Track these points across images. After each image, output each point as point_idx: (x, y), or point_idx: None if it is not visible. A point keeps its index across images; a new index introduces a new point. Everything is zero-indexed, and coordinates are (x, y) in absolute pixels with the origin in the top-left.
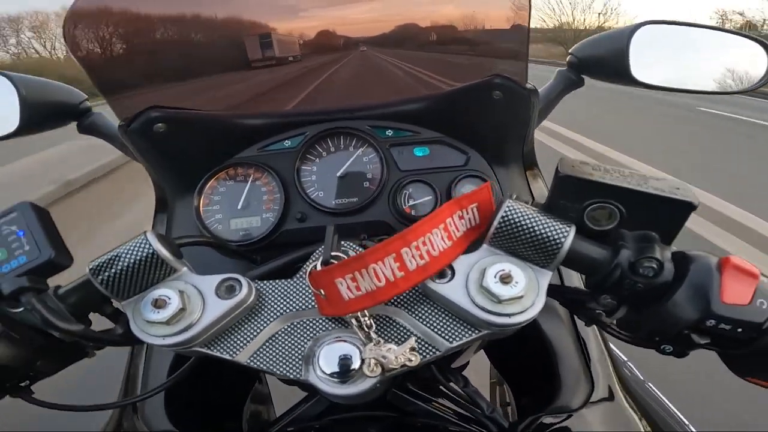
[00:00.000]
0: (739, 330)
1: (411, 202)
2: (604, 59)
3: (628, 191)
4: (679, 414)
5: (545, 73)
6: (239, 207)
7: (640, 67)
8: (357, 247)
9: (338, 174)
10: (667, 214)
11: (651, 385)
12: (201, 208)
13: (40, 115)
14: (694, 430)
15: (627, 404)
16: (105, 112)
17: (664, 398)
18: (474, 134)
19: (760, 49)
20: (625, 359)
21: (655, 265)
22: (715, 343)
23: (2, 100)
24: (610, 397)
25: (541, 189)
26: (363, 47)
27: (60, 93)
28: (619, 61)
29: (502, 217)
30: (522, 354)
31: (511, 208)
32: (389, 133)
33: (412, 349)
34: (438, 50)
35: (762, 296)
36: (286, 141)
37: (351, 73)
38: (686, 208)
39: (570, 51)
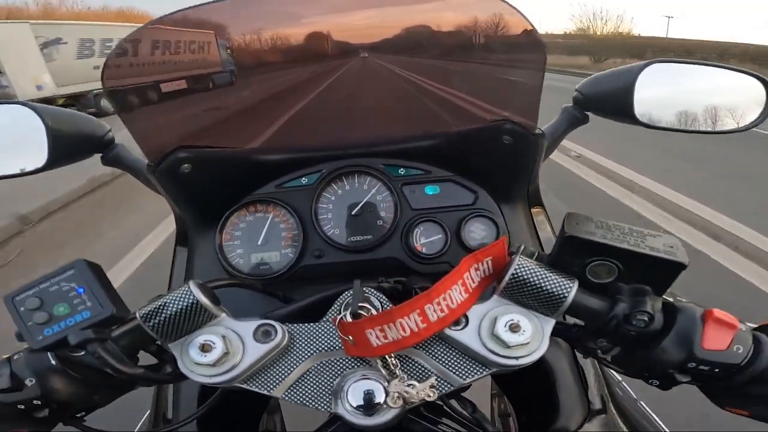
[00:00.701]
0: (716, 370)
1: (422, 240)
2: (609, 97)
3: (625, 251)
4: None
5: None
6: (259, 243)
7: (644, 106)
8: (380, 295)
9: (353, 212)
10: (660, 271)
11: (642, 404)
12: (223, 244)
13: (67, 149)
14: None
15: (619, 422)
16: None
17: (654, 416)
18: (482, 173)
19: (759, 85)
20: (619, 379)
21: (646, 318)
22: (695, 380)
23: (30, 133)
24: (604, 414)
25: (545, 226)
26: (364, 53)
27: (85, 124)
28: (623, 100)
29: (513, 273)
30: (523, 373)
31: (520, 265)
32: (402, 171)
33: (432, 386)
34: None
35: (738, 342)
36: (303, 178)
37: (356, 81)
38: (677, 267)
39: (576, 88)
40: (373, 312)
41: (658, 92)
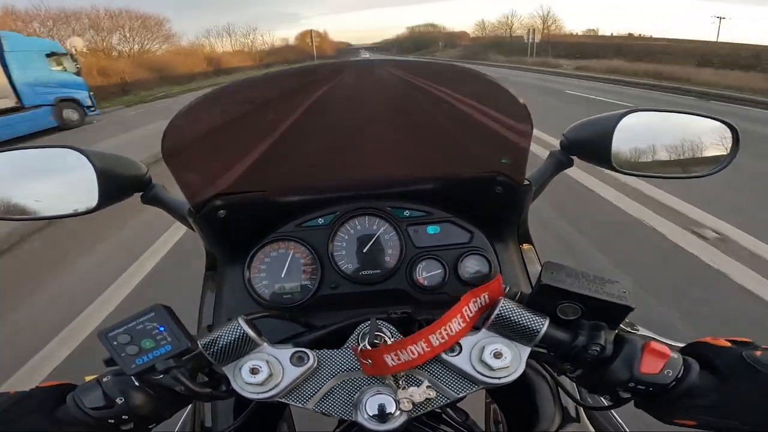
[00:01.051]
0: (651, 389)
1: (424, 274)
2: (590, 144)
3: (586, 297)
4: None
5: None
6: (282, 275)
7: (623, 152)
8: (389, 326)
9: (364, 250)
10: (613, 311)
11: (613, 413)
12: (251, 276)
13: (113, 189)
14: None
15: (590, 427)
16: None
17: (620, 421)
18: (477, 216)
19: (726, 130)
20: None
21: (599, 348)
22: (636, 396)
23: (79, 176)
24: (578, 422)
25: (533, 261)
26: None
27: (126, 166)
28: (603, 146)
29: (497, 313)
30: (511, 385)
31: (504, 306)
32: (406, 213)
33: (428, 386)
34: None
35: (669, 368)
36: (320, 219)
37: (366, 137)
38: (626, 309)
39: (563, 133)
40: (387, 340)
41: (636, 139)
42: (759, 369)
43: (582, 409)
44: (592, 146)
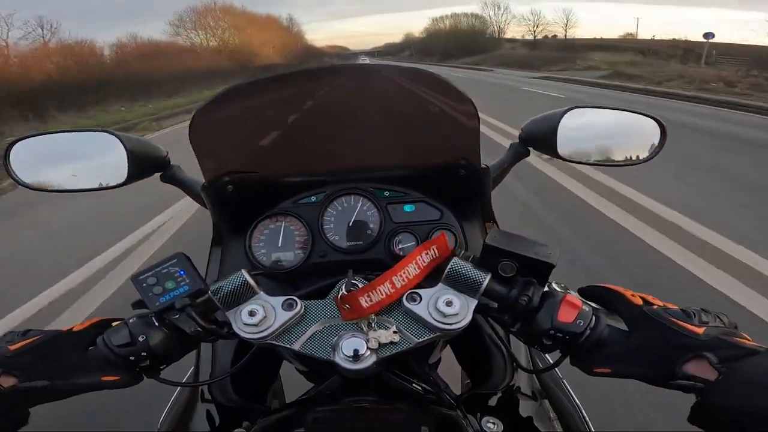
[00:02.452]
0: (567, 337)
1: (400, 246)
2: (541, 136)
3: (519, 255)
4: (576, 398)
5: None
6: (279, 245)
7: (567, 143)
8: (364, 281)
9: (349, 224)
10: (540, 268)
11: (557, 371)
12: (252, 245)
13: (139, 167)
14: (584, 412)
15: (537, 385)
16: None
17: (565, 382)
18: (447, 197)
19: (655, 124)
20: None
21: (526, 299)
22: (556, 344)
23: (112, 155)
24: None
25: None
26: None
27: (149, 147)
28: (550, 138)
29: (450, 267)
30: (473, 351)
31: (456, 263)
32: (386, 193)
33: (395, 332)
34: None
35: (580, 318)
36: (312, 197)
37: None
38: (549, 266)
39: (522, 127)
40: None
41: (578, 131)
42: (656, 319)
43: (532, 368)
44: (542, 138)
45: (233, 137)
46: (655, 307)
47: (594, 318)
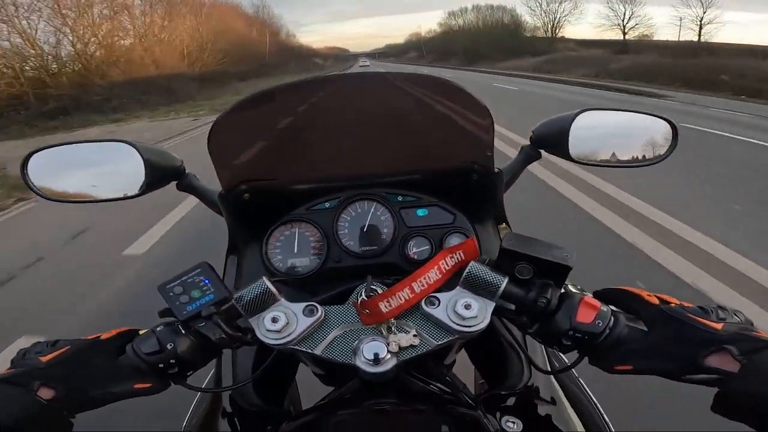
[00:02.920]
0: (586, 337)
1: (414, 250)
2: (552, 138)
3: (535, 258)
4: (594, 398)
5: None
6: (294, 251)
7: (579, 145)
8: (383, 286)
9: (363, 229)
10: (558, 270)
11: (574, 371)
12: (268, 251)
13: (156, 176)
14: (602, 411)
15: (555, 385)
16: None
17: (582, 382)
18: (460, 201)
19: (667, 125)
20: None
21: (545, 301)
22: (576, 344)
23: (129, 164)
24: (543, 380)
25: None
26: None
27: (166, 157)
28: (562, 140)
29: (468, 271)
30: (488, 352)
31: (473, 266)
32: (399, 198)
33: (414, 335)
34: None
35: (599, 318)
36: (327, 203)
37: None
38: (567, 269)
39: (532, 129)
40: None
41: (589, 134)
42: (675, 317)
43: (549, 369)
44: (553, 141)
45: (250, 146)
46: (673, 305)
47: (613, 318)
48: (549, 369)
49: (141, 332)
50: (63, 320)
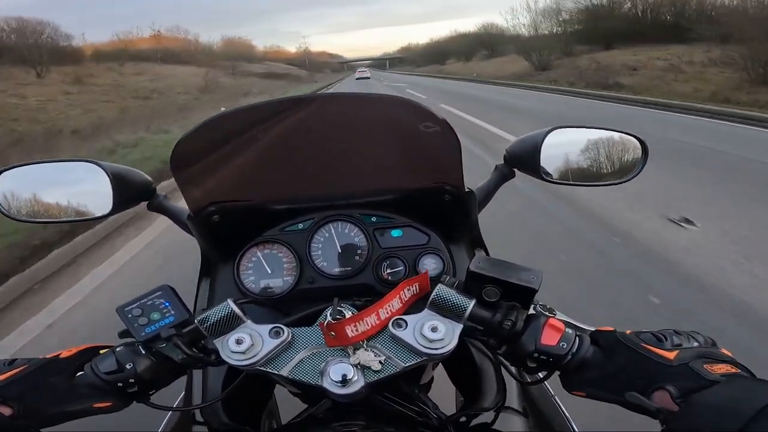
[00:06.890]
0: (551, 359)
1: (388, 271)
2: (525, 157)
3: (503, 281)
4: (567, 411)
5: None
6: (267, 272)
7: (551, 163)
8: (351, 308)
9: (337, 250)
10: (523, 293)
11: (547, 384)
12: (240, 273)
13: (124, 197)
14: (574, 427)
15: (529, 400)
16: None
17: (556, 398)
18: (433, 221)
19: (637, 143)
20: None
21: (510, 324)
22: (541, 366)
23: (96, 186)
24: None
25: None
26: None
27: (135, 176)
28: (534, 159)
29: (435, 294)
30: (465, 370)
31: (440, 289)
32: (373, 219)
33: (381, 357)
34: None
35: (564, 341)
36: (300, 224)
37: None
38: (532, 291)
39: (506, 148)
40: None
41: (561, 151)
42: (628, 345)
43: (520, 386)
44: (526, 159)
45: (216, 167)
46: (628, 332)
47: (577, 340)
48: (521, 384)
49: (102, 351)
50: None
